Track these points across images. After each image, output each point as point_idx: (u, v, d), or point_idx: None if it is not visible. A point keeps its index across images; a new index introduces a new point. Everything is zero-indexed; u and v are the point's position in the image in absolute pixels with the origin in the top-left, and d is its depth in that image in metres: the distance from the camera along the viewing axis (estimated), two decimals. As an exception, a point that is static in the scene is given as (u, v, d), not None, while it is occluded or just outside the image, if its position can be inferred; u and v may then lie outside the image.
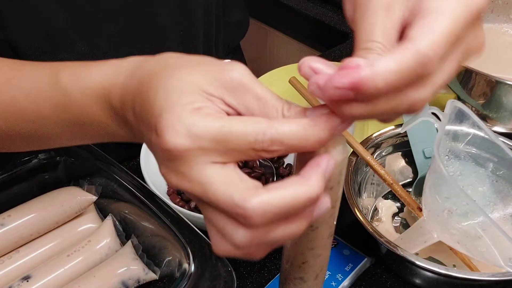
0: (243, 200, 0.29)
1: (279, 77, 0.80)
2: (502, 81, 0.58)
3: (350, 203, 0.56)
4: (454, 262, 0.57)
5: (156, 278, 0.52)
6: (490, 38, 0.79)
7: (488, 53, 0.80)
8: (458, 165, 0.58)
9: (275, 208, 0.29)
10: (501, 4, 0.80)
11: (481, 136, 0.57)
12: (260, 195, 0.29)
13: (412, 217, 0.63)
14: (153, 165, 0.62)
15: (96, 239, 0.54)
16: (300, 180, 0.30)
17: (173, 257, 0.51)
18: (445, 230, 0.51)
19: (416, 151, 0.64)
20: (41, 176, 0.58)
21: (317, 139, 0.30)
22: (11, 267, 0.52)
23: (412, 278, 0.56)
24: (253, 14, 1.25)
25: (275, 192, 0.29)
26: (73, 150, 0.58)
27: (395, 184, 0.59)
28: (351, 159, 0.61)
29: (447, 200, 0.49)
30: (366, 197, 0.63)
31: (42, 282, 0.50)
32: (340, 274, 0.56)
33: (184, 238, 0.50)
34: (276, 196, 0.29)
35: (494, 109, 0.62)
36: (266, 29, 1.22)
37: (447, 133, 0.55)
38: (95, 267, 0.52)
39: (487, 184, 0.58)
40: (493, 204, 0.57)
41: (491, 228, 0.46)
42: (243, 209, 0.29)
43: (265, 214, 0.29)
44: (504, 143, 0.60)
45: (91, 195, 0.56)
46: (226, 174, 0.30)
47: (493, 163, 0.58)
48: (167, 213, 0.52)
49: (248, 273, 0.58)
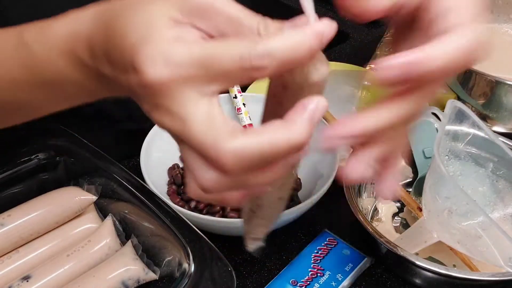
0: (218, 144, 0.27)
1: (279, 77, 0.80)
2: (502, 81, 0.58)
3: (350, 203, 0.56)
4: (454, 262, 0.57)
5: (156, 278, 0.52)
6: (490, 38, 0.79)
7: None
8: (458, 165, 0.58)
9: (250, 155, 0.27)
10: (501, 4, 0.80)
11: (481, 136, 0.57)
12: (235, 140, 0.27)
13: (412, 217, 0.63)
14: (153, 165, 0.62)
15: (96, 239, 0.54)
16: (284, 125, 0.28)
17: (173, 257, 0.51)
18: (445, 230, 0.51)
19: (416, 151, 0.64)
20: (41, 176, 0.58)
21: (307, 47, 0.28)
22: (11, 267, 0.52)
23: (412, 278, 0.56)
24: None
25: (253, 138, 0.27)
26: (73, 150, 0.58)
27: (395, 184, 0.59)
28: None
29: (447, 200, 0.49)
30: (366, 197, 0.63)
31: (42, 282, 0.50)
32: (340, 274, 0.56)
33: (184, 238, 0.50)
34: (253, 142, 0.27)
35: (494, 109, 0.62)
36: (266, 29, 1.22)
37: (447, 133, 0.55)
38: (95, 267, 0.52)
39: (487, 184, 0.58)
40: (493, 204, 0.57)
41: (491, 228, 0.46)
42: (216, 153, 0.27)
43: (239, 160, 0.27)
44: (504, 143, 0.60)
45: (91, 195, 0.56)
46: (209, 112, 0.28)
47: (493, 163, 0.58)
48: (167, 213, 0.52)
49: (248, 273, 0.58)
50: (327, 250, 0.58)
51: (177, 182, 0.63)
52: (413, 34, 0.35)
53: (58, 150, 0.58)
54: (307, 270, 0.56)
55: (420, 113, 0.34)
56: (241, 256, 0.59)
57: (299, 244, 0.61)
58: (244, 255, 0.60)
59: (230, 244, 0.61)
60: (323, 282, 0.55)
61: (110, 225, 0.55)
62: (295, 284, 0.55)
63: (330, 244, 0.59)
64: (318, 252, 0.58)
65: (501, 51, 0.77)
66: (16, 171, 0.57)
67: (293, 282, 0.55)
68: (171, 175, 0.65)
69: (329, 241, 0.59)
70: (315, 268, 0.56)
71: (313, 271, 0.56)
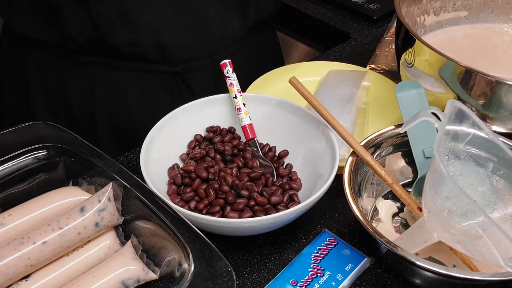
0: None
1: (279, 77, 0.80)
2: (502, 81, 0.58)
3: (350, 203, 0.56)
4: (454, 262, 0.57)
5: (156, 278, 0.52)
6: (490, 38, 0.79)
7: (488, 53, 0.80)
8: (458, 165, 0.57)
9: None
10: (501, 4, 0.80)
11: (481, 136, 0.57)
12: None
13: (412, 217, 0.63)
14: (153, 165, 0.62)
15: (95, 239, 0.54)
16: None
17: (173, 257, 0.51)
18: (445, 230, 0.51)
19: (416, 151, 0.64)
20: (41, 176, 0.58)
21: None
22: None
23: (412, 278, 0.56)
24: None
25: None
26: (73, 150, 0.58)
27: (395, 184, 0.59)
28: (351, 159, 0.61)
29: (447, 200, 0.49)
30: (366, 197, 0.63)
31: (42, 282, 0.50)
32: (340, 274, 0.56)
33: (184, 238, 0.50)
34: None
35: (494, 109, 0.62)
36: (266, 29, 1.22)
37: (447, 133, 0.55)
38: (95, 267, 0.52)
39: (487, 184, 0.58)
40: (493, 204, 0.57)
41: (491, 228, 0.46)
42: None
43: None
44: (504, 143, 0.60)
45: (91, 195, 0.56)
46: None
47: (493, 163, 0.58)
48: (167, 213, 0.52)
49: (248, 273, 0.58)
50: (327, 250, 0.58)
51: (177, 182, 0.63)
52: None
53: (58, 150, 0.58)
54: (307, 270, 0.56)
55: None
56: (241, 256, 0.60)
57: (299, 244, 0.61)
58: (244, 255, 0.60)
59: (230, 244, 0.61)
60: (323, 282, 0.55)
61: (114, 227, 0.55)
62: (295, 284, 0.55)
63: (330, 244, 0.59)
64: (318, 252, 0.58)
65: (501, 51, 0.77)
66: (16, 171, 0.57)
67: (293, 282, 0.55)
68: (171, 175, 0.65)
69: (329, 241, 0.59)
70: (315, 268, 0.56)
71: (313, 271, 0.56)
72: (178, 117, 0.68)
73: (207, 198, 0.60)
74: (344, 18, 1.05)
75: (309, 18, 1.06)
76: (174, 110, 0.68)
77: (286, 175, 0.66)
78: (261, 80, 0.80)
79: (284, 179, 0.66)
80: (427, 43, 0.62)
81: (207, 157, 0.66)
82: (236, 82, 0.70)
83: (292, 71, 0.83)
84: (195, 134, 0.70)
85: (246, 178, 0.63)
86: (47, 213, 0.54)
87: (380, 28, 1.03)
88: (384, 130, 0.65)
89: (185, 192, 0.62)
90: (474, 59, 0.72)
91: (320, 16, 1.05)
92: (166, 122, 0.67)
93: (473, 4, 0.80)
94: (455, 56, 0.61)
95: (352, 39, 0.99)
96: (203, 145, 0.69)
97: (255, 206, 0.60)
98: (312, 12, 1.07)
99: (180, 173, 0.64)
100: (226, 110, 0.71)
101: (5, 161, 0.58)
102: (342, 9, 1.08)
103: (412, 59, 0.66)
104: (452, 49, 0.75)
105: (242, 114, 0.69)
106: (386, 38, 0.95)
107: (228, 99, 0.71)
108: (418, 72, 0.66)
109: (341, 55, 0.94)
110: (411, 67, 0.67)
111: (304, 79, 0.75)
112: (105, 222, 0.54)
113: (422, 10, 0.77)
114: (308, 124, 0.68)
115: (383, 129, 0.65)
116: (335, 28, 1.03)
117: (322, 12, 1.07)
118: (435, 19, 0.79)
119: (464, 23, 0.81)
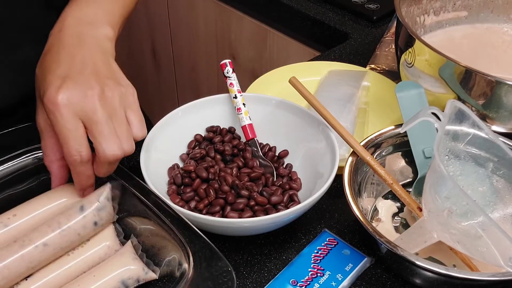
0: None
1: (279, 77, 0.80)
2: (502, 81, 0.58)
3: (350, 203, 0.56)
4: (454, 262, 0.57)
5: (156, 277, 0.52)
6: (490, 38, 0.79)
7: (488, 53, 0.80)
8: (458, 165, 0.57)
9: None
10: (501, 4, 0.80)
11: (481, 136, 0.57)
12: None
13: (412, 217, 0.63)
14: (153, 165, 0.62)
15: (95, 239, 0.54)
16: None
17: (173, 257, 0.51)
18: (445, 230, 0.51)
19: (416, 151, 0.64)
20: (41, 176, 0.58)
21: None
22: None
23: (412, 278, 0.56)
24: (253, 14, 1.25)
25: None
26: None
27: (395, 184, 0.59)
28: (351, 159, 0.61)
29: (447, 200, 0.49)
30: (366, 197, 0.63)
31: (42, 282, 0.50)
32: (340, 274, 0.56)
33: (184, 238, 0.50)
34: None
35: (494, 109, 0.62)
36: (266, 29, 1.22)
37: (447, 133, 0.55)
38: (95, 267, 0.52)
39: (487, 184, 0.58)
40: (493, 204, 0.57)
41: (491, 228, 0.46)
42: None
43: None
44: (504, 143, 0.60)
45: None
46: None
47: (493, 163, 0.58)
48: (167, 213, 0.52)
49: (248, 273, 0.58)
50: (327, 250, 0.58)
51: (177, 182, 0.63)
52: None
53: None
54: (307, 270, 0.56)
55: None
56: (241, 256, 0.59)
57: (299, 244, 0.61)
58: (244, 255, 0.60)
59: (230, 244, 0.61)
60: (323, 282, 0.55)
61: (110, 224, 0.55)
62: (295, 284, 0.55)
63: (330, 244, 0.59)
64: (318, 252, 0.58)
65: (501, 51, 0.77)
66: (16, 171, 0.57)
67: (293, 282, 0.55)
68: (171, 175, 0.65)
69: (329, 241, 0.59)
70: (315, 268, 0.56)
71: (313, 271, 0.56)
72: (178, 117, 0.68)
73: (207, 198, 0.60)
74: (344, 18, 1.05)
75: (309, 18, 1.06)
76: (174, 110, 0.68)
77: (286, 175, 0.66)
78: (261, 80, 0.80)
79: (284, 179, 0.66)
80: (427, 43, 0.62)
81: (207, 157, 0.66)
82: (236, 82, 0.70)
83: (292, 71, 0.83)
84: (195, 134, 0.70)
85: (246, 178, 0.63)
86: (46, 213, 0.54)
87: (380, 28, 1.03)
88: (384, 130, 0.65)
89: (185, 192, 0.62)
90: (474, 59, 0.72)
91: (320, 16, 1.05)
92: (166, 122, 0.67)
93: (473, 4, 0.80)
94: (455, 56, 0.61)
95: (352, 39, 0.99)
96: (203, 145, 0.69)
97: (255, 206, 0.60)
98: (312, 12, 1.07)
99: (180, 173, 0.64)
100: (226, 110, 0.71)
101: (5, 161, 0.58)
102: (342, 9, 1.08)
103: (412, 59, 0.66)
104: (452, 49, 0.75)
105: (242, 114, 0.69)
106: (386, 38, 0.95)
107: (228, 99, 0.71)
108: (418, 72, 0.66)
109: (341, 55, 0.94)
110: (411, 67, 0.67)
111: (304, 79, 0.75)
112: (103, 221, 0.54)
113: (422, 10, 0.77)
114: (308, 124, 0.68)
115: (383, 129, 0.65)
116: (335, 28, 1.03)
117: (322, 12, 1.07)
118: (435, 19, 0.79)
119: (464, 23, 0.81)
